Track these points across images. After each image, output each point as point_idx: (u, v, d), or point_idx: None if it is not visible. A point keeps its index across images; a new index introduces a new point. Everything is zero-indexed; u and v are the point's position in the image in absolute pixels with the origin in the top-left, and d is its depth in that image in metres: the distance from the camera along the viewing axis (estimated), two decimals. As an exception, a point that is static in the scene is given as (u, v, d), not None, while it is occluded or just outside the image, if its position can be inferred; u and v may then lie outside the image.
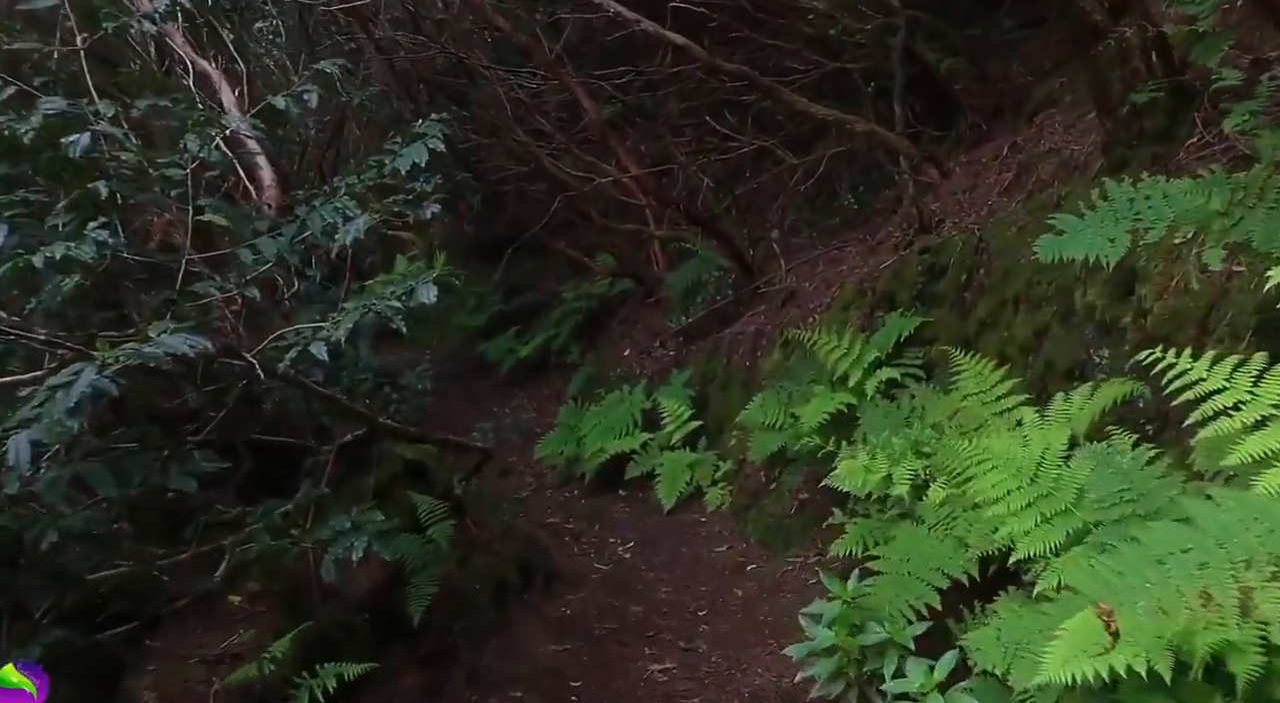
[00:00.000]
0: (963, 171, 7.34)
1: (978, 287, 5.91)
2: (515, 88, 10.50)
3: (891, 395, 6.28)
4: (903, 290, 6.56)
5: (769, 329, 8.29)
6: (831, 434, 6.35)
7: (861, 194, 8.81)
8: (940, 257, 6.27)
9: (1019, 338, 5.41)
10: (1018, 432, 4.69)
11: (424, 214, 5.46)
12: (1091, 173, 5.52)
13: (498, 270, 14.19)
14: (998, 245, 5.84)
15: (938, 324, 6.25)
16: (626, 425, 8.91)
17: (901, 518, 4.94)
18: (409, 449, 5.21)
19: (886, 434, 5.18)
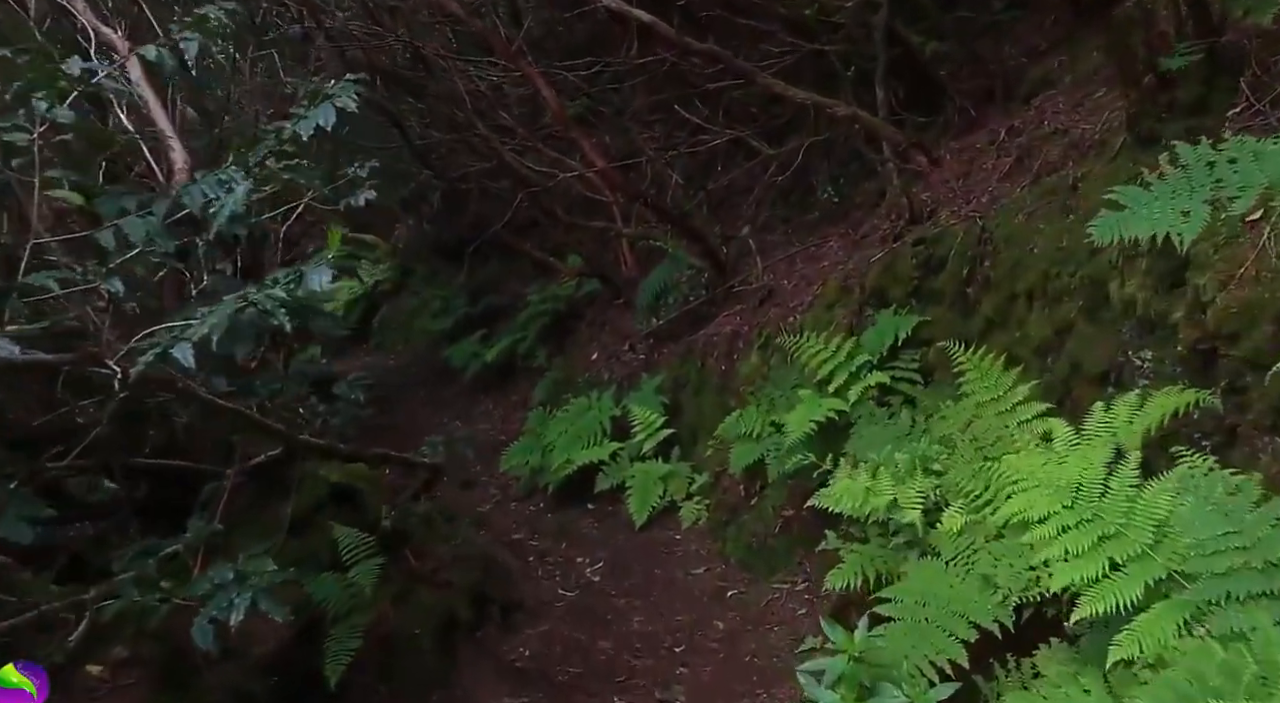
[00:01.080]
0: (954, 159, 6.51)
1: (982, 281, 5.08)
2: (475, 80, 9.57)
3: (885, 402, 5.44)
4: (895, 286, 5.71)
5: (746, 330, 7.42)
6: (820, 446, 5.49)
7: (841, 186, 7.98)
8: (937, 249, 5.43)
9: (1034, 338, 4.58)
10: (1045, 447, 3.85)
11: (356, 201, 4.57)
12: (1113, 151, 4.70)
13: (462, 272, 13.25)
14: (1004, 235, 5.01)
15: (936, 323, 5.41)
16: (595, 434, 8.00)
17: (909, 548, 4.07)
18: (336, 471, 4.28)
19: (889, 449, 4.32)
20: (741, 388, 7.06)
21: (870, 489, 4.02)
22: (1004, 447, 4.06)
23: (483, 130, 9.06)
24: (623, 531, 7.38)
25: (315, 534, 3.99)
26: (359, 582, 3.86)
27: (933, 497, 4.04)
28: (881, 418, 5.06)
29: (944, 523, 3.83)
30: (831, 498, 4.51)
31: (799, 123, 8.88)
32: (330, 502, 4.20)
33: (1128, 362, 3.88)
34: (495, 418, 11.20)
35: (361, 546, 4.06)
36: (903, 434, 4.67)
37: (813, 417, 5.39)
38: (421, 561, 4.62)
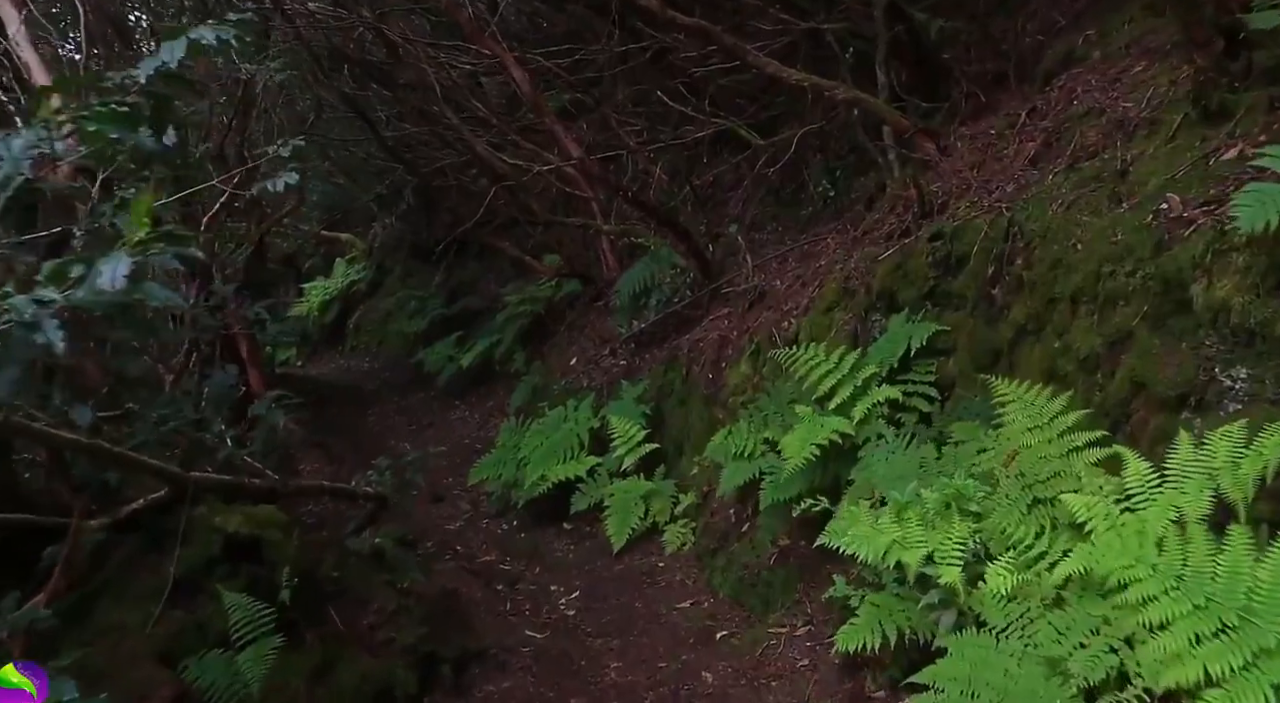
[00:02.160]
0: (965, 146, 5.66)
1: (1012, 282, 4.22)
2: (447, 68, 8.67)
3: (897, 420, 4.58)
4: (907, 288, 4.85)
5: (735, 336, 6.56)
6: (822, 470, 4.64)
7: (838, 179, 7.12)
8: (957, 245, 4.58)
9: (1080, 349, 3.72)
10: (1110, 483, 3.00)
11: (274, 187, 3.67)
12: (1170, 129, 3.85)
13: (439, 272, 12.35)
14: (1038, 228, 4.16)
15: (956, 330, 4.55)
16: (571, 448, 7.12)
17: (943, 607, 3.21)
18: (236, 518, 3.38)
19: (914, 486, 3.45)
20: (730, 399, 6.20)
21: (898, 541, 3.15)
22: (1058, 484, 3.21)
23: (452, 120, 8.15)
24: (601, 554, 6.51)
25: (205, 600, 3.10)
26: (245, 673, 2.95)
27: (972, 545, 3.17)
28: (897, 445, 4.19)
29: (989, 582, 2.97)
30: (842, 538, 3.66)
31: (791, 114, 8.03)
32: (226, 557, 3.30)
33: (1213, 381, 3.03)
34: (471, 424, 10.31)
35: (256, 620, 3.12)
36: (927, 465, 3.81)
37: (813, 440, 4.53)
38: (358, 616, 3.74)
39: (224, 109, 8.08)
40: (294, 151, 3.79)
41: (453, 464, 9.22)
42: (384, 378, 12.32)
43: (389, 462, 4.95)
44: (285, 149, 3.77)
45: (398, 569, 4.47)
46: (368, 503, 4.65)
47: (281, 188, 3.58)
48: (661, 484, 6.53)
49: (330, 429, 10.54)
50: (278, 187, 3.57)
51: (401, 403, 11.29)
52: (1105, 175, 4.05)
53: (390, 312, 12.70)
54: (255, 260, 11.61)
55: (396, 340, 12.35)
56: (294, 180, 3.59)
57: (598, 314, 9.14)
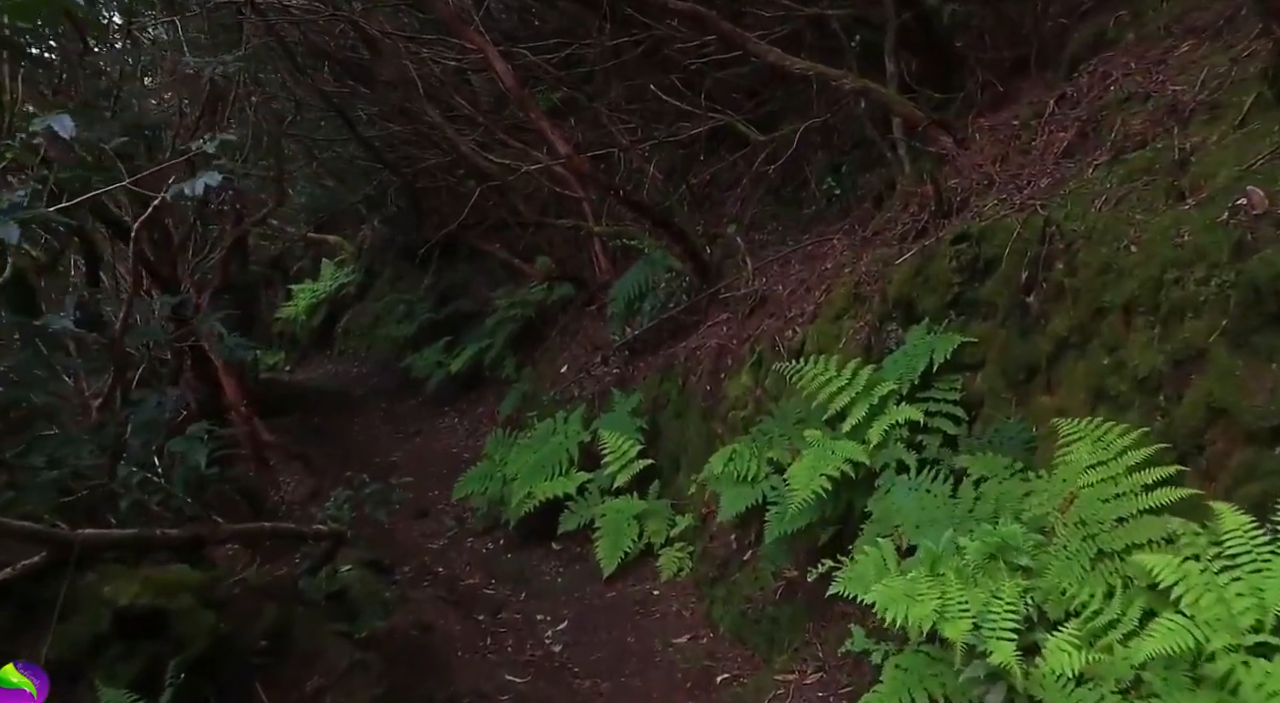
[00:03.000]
0: (986, 139, 5.07)
1: (1052, 288, 3.63)
2: (429, 63, 8.06)
3: (918, 444, 3.98)
4: (928, 295, 4.26)
5: (734, 344, 5.96)
6: (834, 501, 4.05)
7: (843, 176, 6.52)
8: (985, 247, 3.98)
9: (1138, 367, 3.13)
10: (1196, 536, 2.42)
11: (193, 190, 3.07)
12: (1241, 112, 3.26)
13: (428, 275, 11.74)
14: (1080, 228, 3.57)
15: (986, 343, 3.96)
16: (560, 463, 6.53)
17: (991, 682, 2.61)
18: (133, 585, 2.74)
19: (949, 535, 2.86)
20: (730, 413, 5.61)
21: (940, 608, 2.54)
22: (1128, 534, 2.61)
23: (434, 117, 7.54)
24: (592, 579, 5.92)
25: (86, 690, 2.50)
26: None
27: (1025, 609, 2.58)
28: (923, 481, 3.59)
29: (1050, 659, 2.38)
30: (866, 590, 3.07)
31: (790, 109, 7.44)
32: (120, 634, 2.68)
33: (1319, 412, 2.44)
34: (460, 432, 9.72)
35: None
36: (961, 503, 3.21)
37: (824, 469, 3.93)
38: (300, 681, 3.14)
39: (193, 108, 7.48)
40: (222, 147, 3.17)
41: (440, 475, 8.63)
42: (372, 384, 11.72)
43: (347, 493, 4.35)
44: (211, 145, 3.15)
45: (358, 615, 3.87)
46: (321, 542, 4.06)
47: (200, 190, 2.98)
48: (656, 504, 5.94)
49: (314, 438, 9.94)
50: (196, 190, 2.98)
51: (389, 410, 10.70)
52: (1159, 167, 3.46)
53: (379, 315, 12.10)
54: (237, 263, 11.02)
55: (385, 345, 11.75)
56: (215, 181, 2.99)
57: (590, 319, 8.55)
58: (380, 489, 4.33)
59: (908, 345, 4.23)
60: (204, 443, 3.58)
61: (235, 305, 11.33)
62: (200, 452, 3.37)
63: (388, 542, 7.43)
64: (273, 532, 3.95)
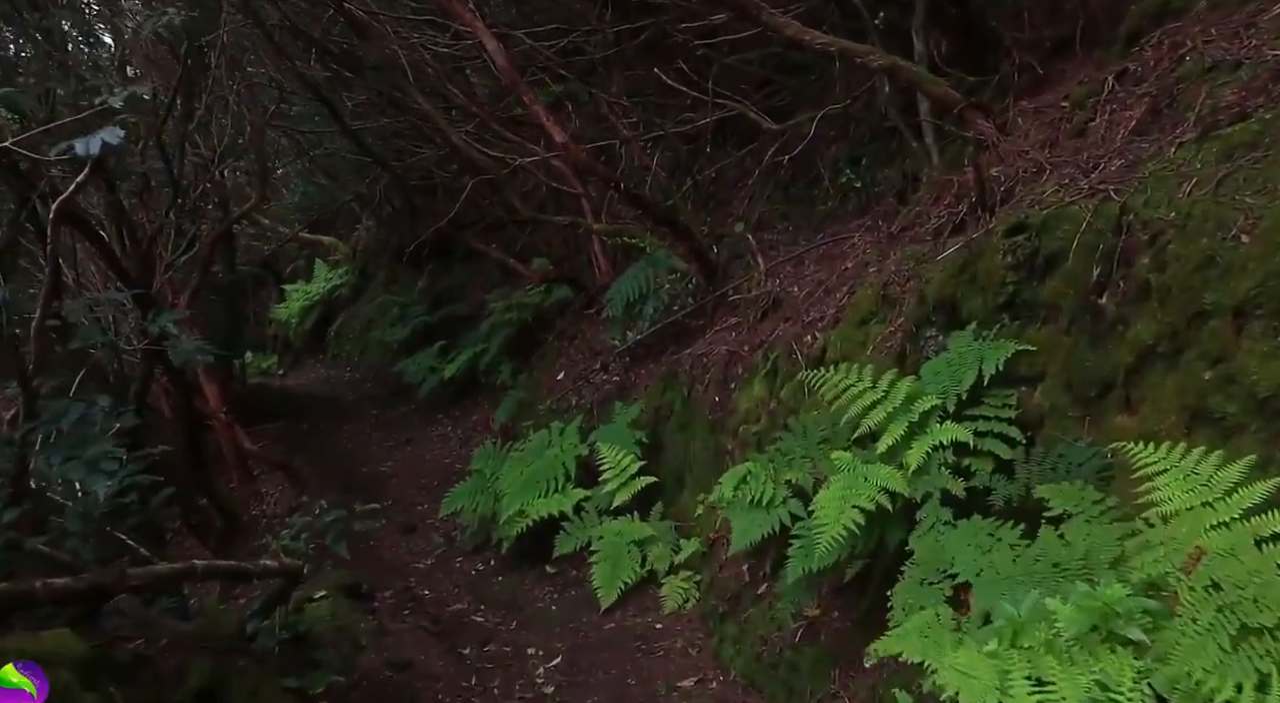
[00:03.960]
0: (1030, 122, 4.42)
1: (1132, 288, 2.98)
2: (419, 48, 7.41)
3: (966, 470, 3.32)
4: (974, 296, 3.60)
5: (745, 351, 5.31)
6: (866, 535, 3.39)
7: (863, 168, 5.86)
8: (1046, 240, 3.32)
9: (1256, 383, 2.48)
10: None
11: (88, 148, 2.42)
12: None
13: (423, 277, 11.10)
14: (1168, 216, 2.91)
15: (1047, 351, 3.30)
16: (556, 479, 5.87)
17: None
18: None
19: (1035, 596, 2.19)
20: (741, 428, 4.96)
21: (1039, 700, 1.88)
22: (1270, 597, 1.95)
23: (422, 104, 6.90)
24: (588, 607, 5.27)
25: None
26: None
27: (1141, 698, 1.92)
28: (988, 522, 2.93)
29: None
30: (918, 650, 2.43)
31: (802, 99, 6.79)
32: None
33: None
34: (453, 441, 9.07)
35: None
36: (1041, 553, 2.54)
37: (856, 500, 3.28)
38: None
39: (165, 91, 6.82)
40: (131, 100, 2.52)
41: (430, 487, 7.99)
42: (364, 389, 11.07)
43: (305, 521, 3.69)
44: (118, 99, 2.51)
45: (320, 664, 3.22)
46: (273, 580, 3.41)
47: (96, 149, 2.33)
48: (659, 526, 5.28)
49: (301, 447, 9.29)
50: (92, 148, 2.33)
51: (380, 417, 10.04)
52: (1267, 142, 2.81)
53: (372, 318, 11.46)
54: (224, 262, 10.37)
55: (378, 349, 11.11)
56: (115, 140, 2.35)
57: (589, 323, 7.90)
58: (340, 518, 3.67)
59: (950, 353, 3.58)
60: (119, 465, 2.94)
61: (221, 306, 10.73)
62: (101, 480, 2.72)
63: (372, 561, 6.77)
64: (207, 572, 3.29)
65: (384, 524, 7.51)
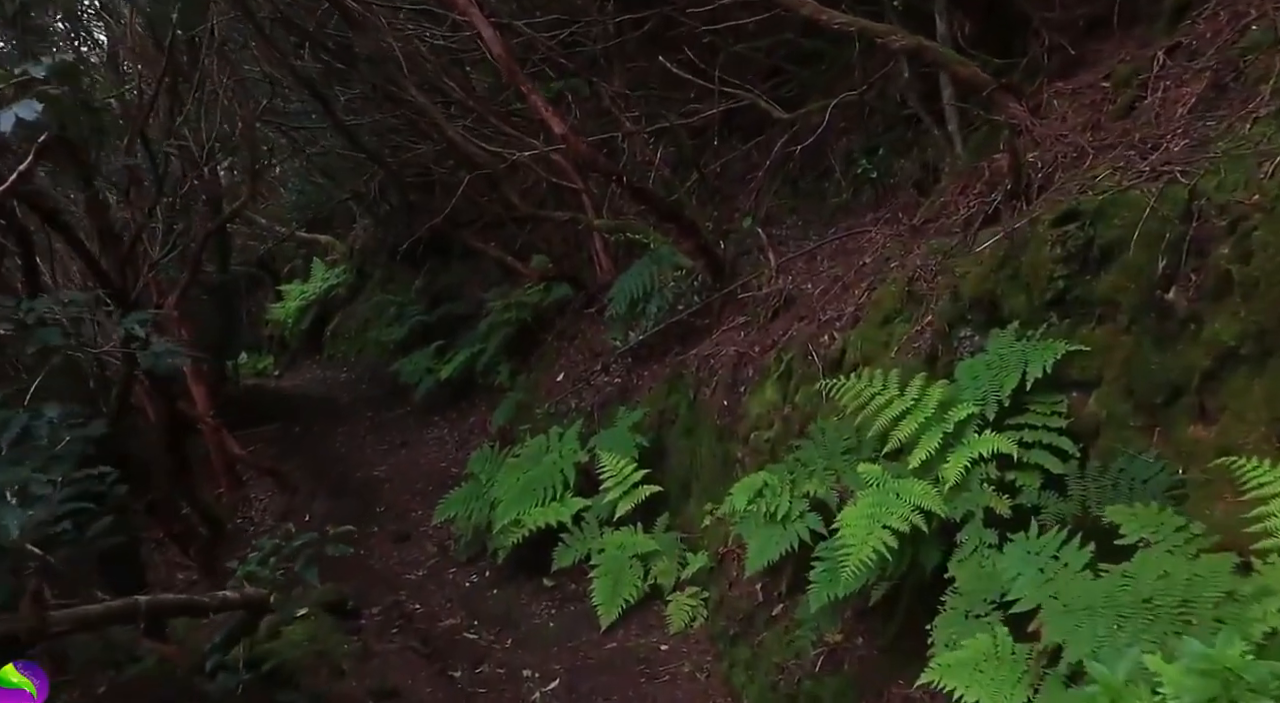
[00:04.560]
0: (1067, 105, 4.01)
1: (1211, 280, 2.57)
2: (414, 40, 7.00)
3: (1010, 485, 2.91)
4: (1017, 292, 3.19)
5: (756, 352, 4.89)
6: (897, 557, 2.97)
7: (881, 158, 5.44)
8: (1103, 229, 2.91)
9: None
10: None
11: None
12: None
13: (420, 276, 10.68)
14: (1244, 199, 2.50)
15: (1104, 353, 2.89)
16: (554, 486, 5.45)
17: None
18: None
19: (1134, 655, 1.77)
20: (752, 434, 4.54)
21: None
22: None
23: (416, 96, 6.48)
24: (588, 624, 4.85)
25: None
26: None
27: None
28: (1047, 541, 2.51)
29: None
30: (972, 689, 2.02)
31: (813, 90, 6.36)
32: None
33: None
34: (449, 444, 8.64)
35: None
36: (1123, 585, 2.12)
37: (887, 519, 2.87)
38: None
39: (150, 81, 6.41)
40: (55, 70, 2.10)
41: (425, 493, 7.57)
42: (360, 390, 10.65)
43: (273, 544, 3.25)
44: (39, 69, 2.08)
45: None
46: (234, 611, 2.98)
47: (9, 126, 1.92)
48: (663, 538, 4.87)
49: (293, 450, 8.89)
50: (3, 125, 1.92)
51: (375, 419, 9.62)
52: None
53: (369, 318, 11.04)
54: (217, 261, 9.96)
55: (375, 349, 10.69)
56: (31, 114, 1.93)
57: (589, 322, 7.48)
58: (311, 542, 3.23)
59: (989, 355, 3.16)
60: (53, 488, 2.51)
61: (214, 306, 10.32)
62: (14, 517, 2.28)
63: (362, 571, 6.35)
64: (154, 609, 2.83)
65: (376, 532, 7.12)
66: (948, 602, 2.72)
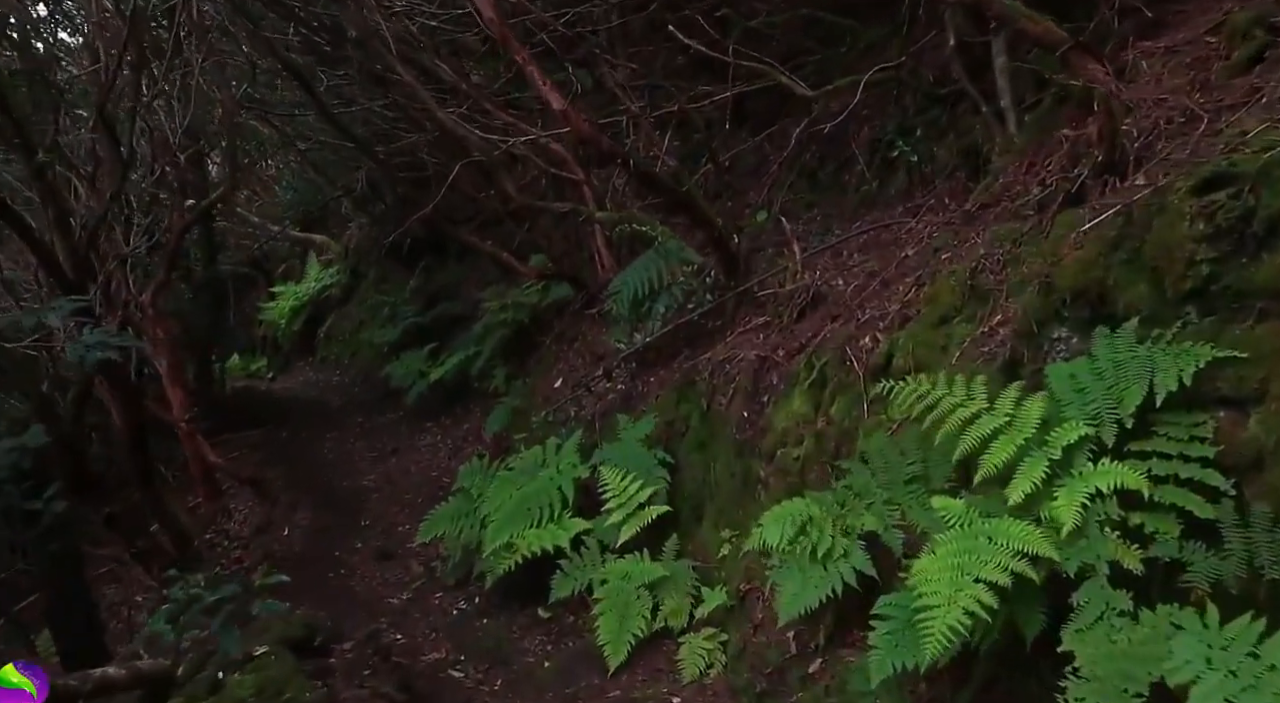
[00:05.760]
0: (1159, 65, 3.25)
1: None
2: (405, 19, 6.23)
3: (1140, 532, 2.14)
4: (1137, 280, 2.42)
5: (780, 356, 4.11)
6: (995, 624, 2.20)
7: (918, 139, 4.67)
8: (1269, 197, 2.14)
9: None
10: None
11: None
12: None
13: (415, 276, 9.88)
14: None
15: (1268, 359, 2.11)
16: (551, 506, 4.66)
17: None
18: None
19: None
20: (779, 452, 3.76)
21: None
22: None
23: (404, 76, 5.71)
24: (590, 665, 4.06)
25: None
26: None
27: None
28: (1245, 633, 1.74)
29: None
30: None
31: (835, 70, 5.60)
32: None
33: None
34: (442, 452, 7.85)
35: None
36: None
37: (980, 571, 2.12)
38: None
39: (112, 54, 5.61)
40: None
41: (414, 505, 6.78)
42: (352, 394, 9.85)
43: (189, 593, 2.45)
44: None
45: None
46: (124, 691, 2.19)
47: None
48: (675, 567, 4.09)
49: (279, 457, 8.09)
50: None
51: (366, 424, 8.82)
52: None
53: (363, 319, 10.25)
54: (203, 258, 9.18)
55: (368, 351, 9.89)
56: None
57: (590, 324, 6.70)
58: (231, 597, 2.44)
59: (1099, 361, 2.39)
60: None
61: (202, 306, 9.53)
62: None
63: (341, 594, 5.60)
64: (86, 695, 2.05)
65: (359, 549, 6.33)
66: (1069, 691, 1.95)
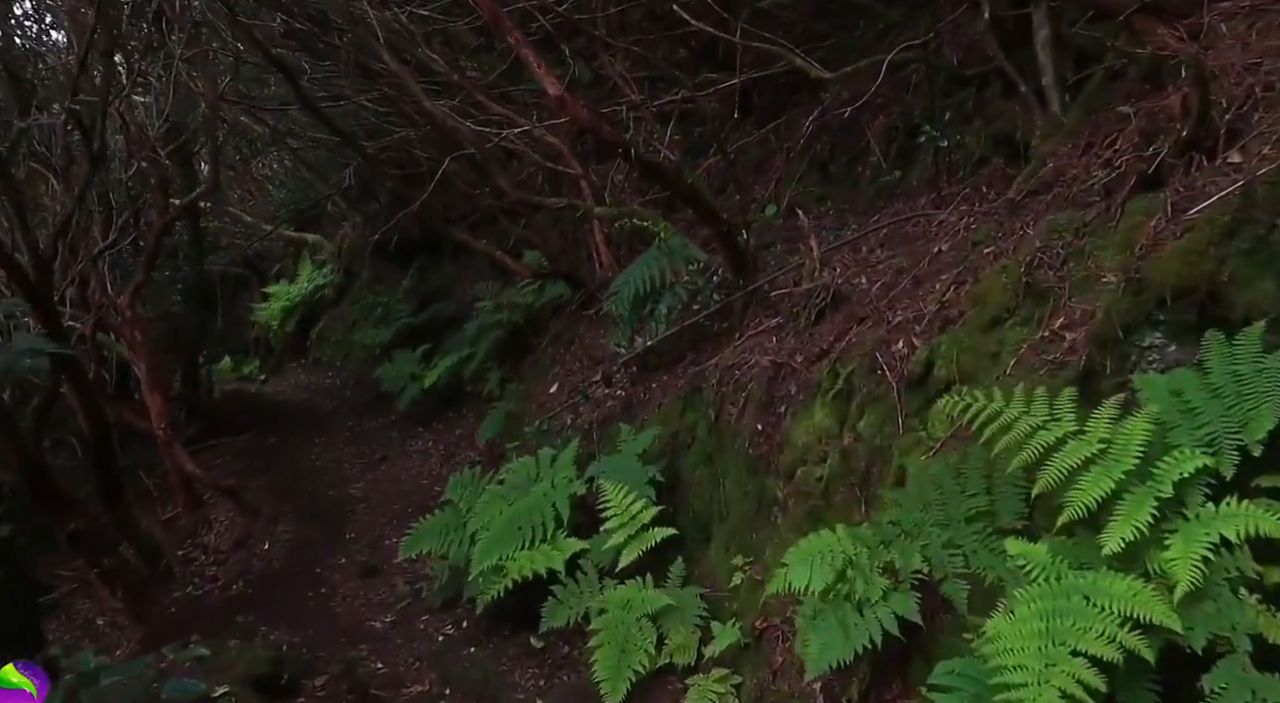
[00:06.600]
0: (1244, 29, 2.74)
1: None
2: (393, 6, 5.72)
3: (1275, 592, 1.62)
4: (1263, 275, 1.91)
5: (798, 362, 3.60)
6: None
7: (946, 125, 4.15)
8: None
9: None
10: None
11: None
12: None
13: (408, 275, 9.37)
14: None
15: None
16: (544, 524, 4.14)
17: None
18: None
19: None
20: (799, 470, 3.25)
21: None
22: None
23: (390, 64, 5.19)
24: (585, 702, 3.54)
25: None
26: None
27: None
28: None
29: None
30: None
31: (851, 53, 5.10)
32: None
33: None
34: (433, 458, 7.33)
35: None
36: None
37: (1076, 642, 1.60)
38: None
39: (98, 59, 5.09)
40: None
41: (403, 516, 6.25)
42: (344, 397, 9.33)
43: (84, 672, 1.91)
44: None
45: None
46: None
47: None
48: (681, 596, 3.57)
49: (265, 465, 7.55)
50: None
51: (356, 429, 8.30)
52: None
53: (356, 320, 9.72)
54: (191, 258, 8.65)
55: (361, 353, 9.37)
56: None
57: (588, 325, 6.19)
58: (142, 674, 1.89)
59: (1211, 375, 1.88)
60: None
61: (190, 307, 9.01)
62: None
63: (320, 615, 5.07)
64: None
65: (343, 565, 5.80)
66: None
